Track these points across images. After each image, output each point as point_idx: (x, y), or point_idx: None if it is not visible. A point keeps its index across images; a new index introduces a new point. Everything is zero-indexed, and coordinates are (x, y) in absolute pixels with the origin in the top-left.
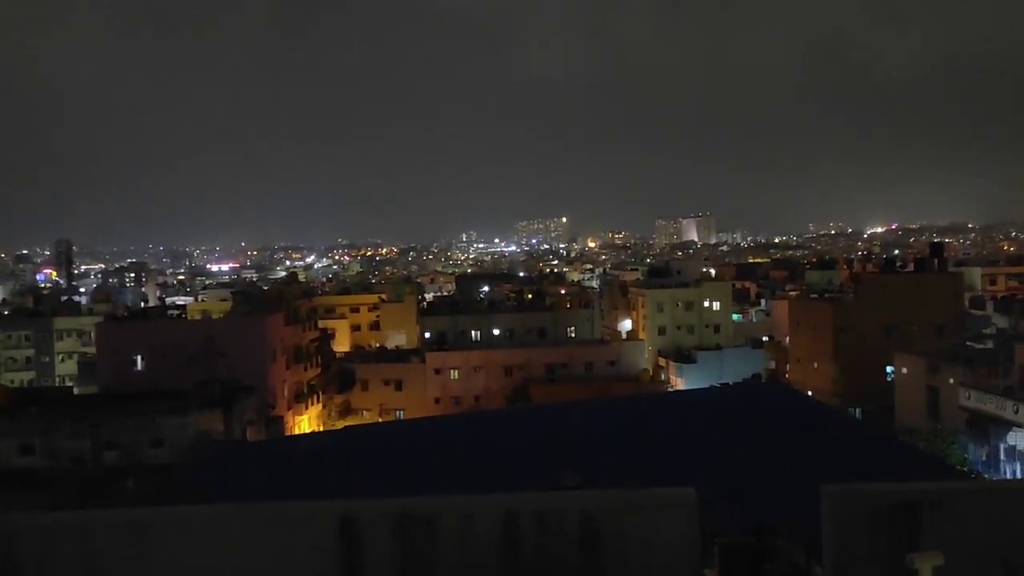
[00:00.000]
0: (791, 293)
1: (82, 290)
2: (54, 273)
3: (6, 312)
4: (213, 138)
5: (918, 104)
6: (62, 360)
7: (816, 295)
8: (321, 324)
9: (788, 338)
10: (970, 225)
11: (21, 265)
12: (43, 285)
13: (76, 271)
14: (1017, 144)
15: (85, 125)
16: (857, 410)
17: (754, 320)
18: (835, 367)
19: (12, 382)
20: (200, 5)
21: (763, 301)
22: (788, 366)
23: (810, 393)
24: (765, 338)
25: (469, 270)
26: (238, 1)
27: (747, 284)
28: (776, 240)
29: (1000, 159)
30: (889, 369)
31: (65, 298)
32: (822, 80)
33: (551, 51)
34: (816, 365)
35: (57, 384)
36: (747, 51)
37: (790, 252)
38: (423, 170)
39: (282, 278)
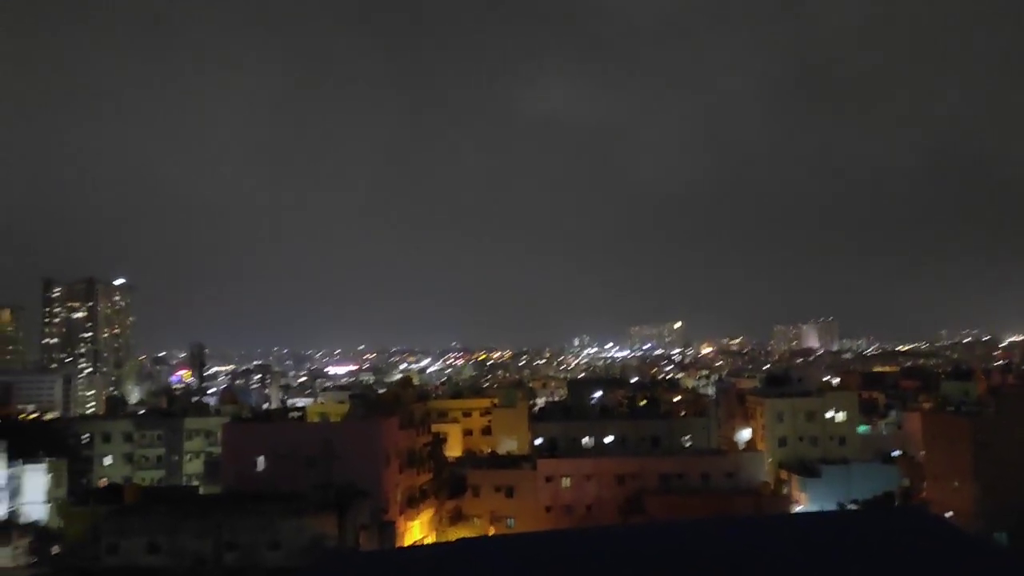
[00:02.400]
0: (924, 405)
1: (211, 391)
2: (187, 374)
3: (142, 412)
4: (335, 244)
5: None
6: (190, 459)
7: (952, 408)
8: (434, 428)
9: (922, 453)
10: None
11: (158, 367)
12: (177, 386)
13: (207, 373)
14: None
15: (219, 232)
16: (1003, 535)
17: (884, 433)
18: (977, 487)
19: (143, 480)
20: (320, 112)
21: (893, 413)
22: (924, 484)
23: (950, 514)
24: (896, 453)
25: (581, 375)
26: (358, 105)
27: (874, 394)
28: (905, 348)
29: None
30: None
31: (195, 399)
32: (949, 178)
33: (662, 155)
34: (956, 484)
35: (184, 483)
36: (866, 150)
37: (921, 360)
38: (536, 274)
39: (397, 381)
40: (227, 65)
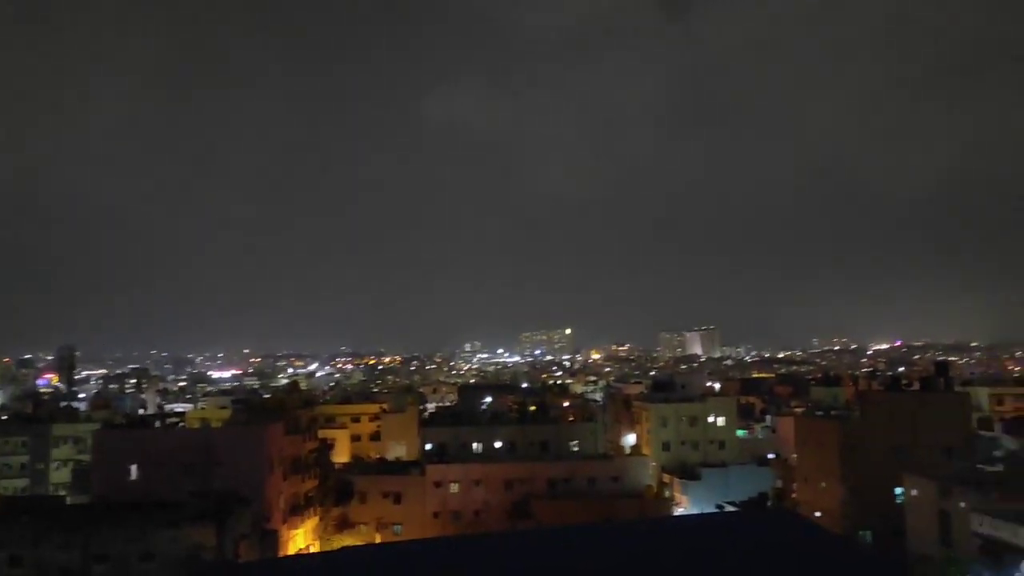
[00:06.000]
0: (796, 409)
1: (82, 396)
2: (55, 378)
3: (4, 417)
4: (218, 245)
5: (921, 222)
6: (57, 468)
7: (822, 412)
8: (321, 434)
9: (794, 456)
10: (974, 344)
11: (23, 370)
12: (43, 390)
13: (77, 377)
14: (1020, 264)
15: (90, 230)
16: (867, 533)
17: (759, 436)
18: (843, 488)
19: (5, 489)
20: (206, 109)
21: (768, 417)
22: (795, 485)
23: (818, 514)
24: (771, 455)
25: (472, 380)
26: (250, 104)
27: (752, 399)
28: (781, 355)
29: (1003, 279)
30: (899, 491)
31: (64, 404)
32: (826, 197)
33: (558, 166)
34: (823, 485)
35: (51, 493)
36: (751, 167)
37: (795, 367)
38: (427, 280)
39: (283, 386)
40: (113, 60)
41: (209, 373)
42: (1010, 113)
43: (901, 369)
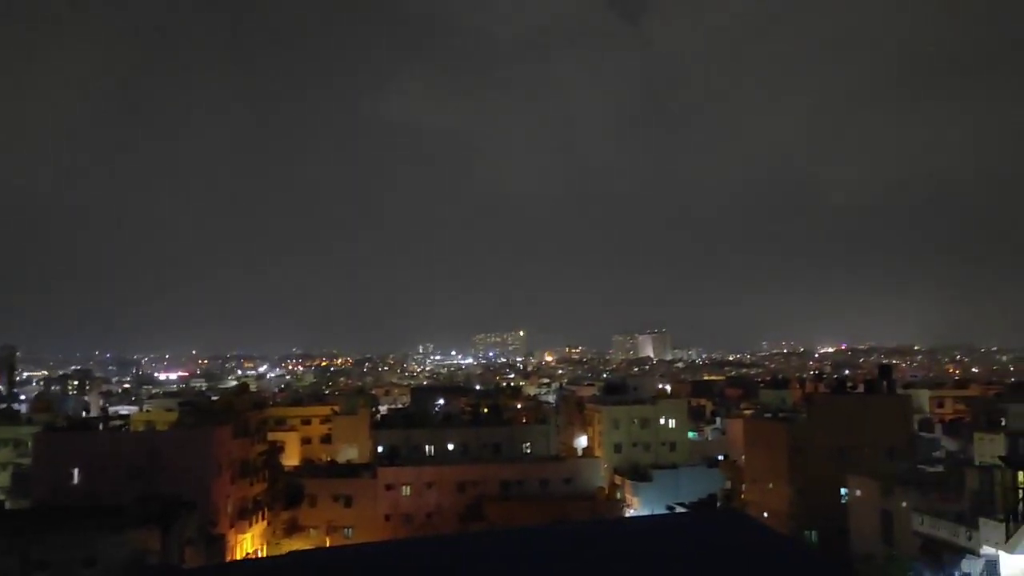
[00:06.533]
0: (745, 412)
1: (23, 398)
2: None
3: None
4: (165, 243)
5: (866, 229)
6: None
7: (770, 414)
8: (271, 436)
9: (743, 457)
10: (916, 348)
11: None
12: None
13: (18, 378)
14: (960, 271)
15: (32, 226)
16: (812, 533)
17: (709, 438)
18: (790, 488)
19: None
20: (155, 110)
21: (718, 419)
22: (744, 486)
23: (766, 514)
24: (720, 457)
25: (425, 382)
26: (200, 103)
27: (702, 401)
28: (731, 358)
29: (944, 284)
30: (843, 491)
31: (4, 406)
32: (775, 203)
33: (510, 167)
34: (771, 485)
35: None
36: (704, 172)
37: (744, 370)
38: (381, 280)
39: (232, 388)
40: (59, 57)
41: (155, 375)
42: (961, 119)
43: (847, 372)
